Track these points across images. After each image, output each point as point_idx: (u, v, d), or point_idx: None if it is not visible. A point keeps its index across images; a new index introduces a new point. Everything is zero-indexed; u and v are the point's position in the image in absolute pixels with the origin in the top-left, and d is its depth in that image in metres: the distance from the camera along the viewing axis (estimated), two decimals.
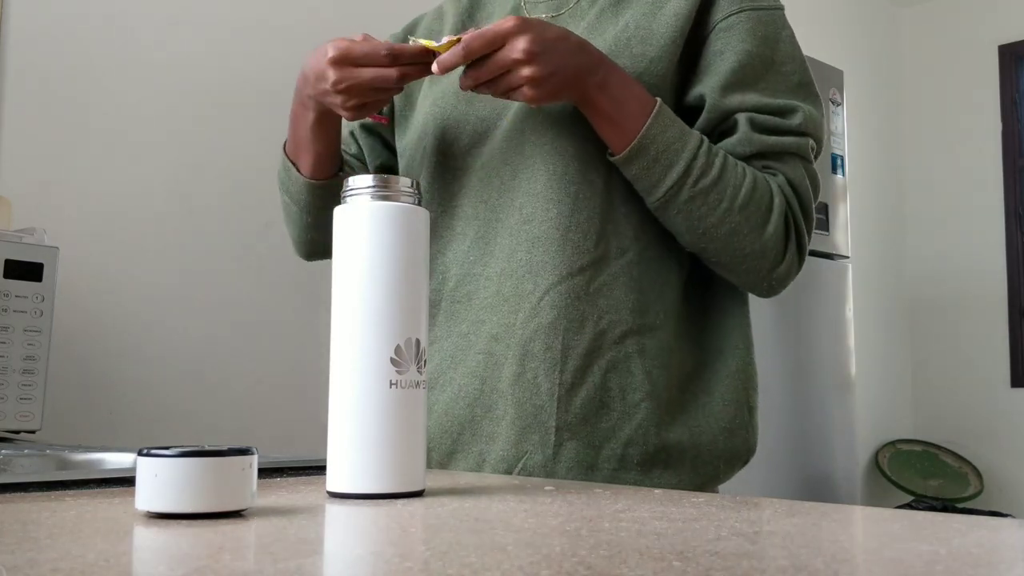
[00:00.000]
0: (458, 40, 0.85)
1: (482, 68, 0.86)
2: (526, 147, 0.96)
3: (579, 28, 0.99)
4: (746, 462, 0.98)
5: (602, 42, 0.96)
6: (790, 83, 0.96)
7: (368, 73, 0.89)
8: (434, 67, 0.87)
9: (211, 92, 2.00)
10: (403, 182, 0.67)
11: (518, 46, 0.84)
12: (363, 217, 0.66)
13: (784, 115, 0.94)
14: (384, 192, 0.66)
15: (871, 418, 4.06)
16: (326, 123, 1.00)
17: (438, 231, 1.00)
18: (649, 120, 0.89)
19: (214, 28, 2.02)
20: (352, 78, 0.89)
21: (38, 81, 1.75)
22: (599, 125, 0.91)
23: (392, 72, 0.89)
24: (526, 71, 0.84)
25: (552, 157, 0.94)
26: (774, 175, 0.93)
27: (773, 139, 0.93)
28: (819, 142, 0.97)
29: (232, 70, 2.04)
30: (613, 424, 0.91)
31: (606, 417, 0.91)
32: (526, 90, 0.86)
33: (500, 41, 0.84)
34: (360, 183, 0.67)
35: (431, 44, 0.87)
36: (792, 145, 0.94)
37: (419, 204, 0.68)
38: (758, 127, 0.93)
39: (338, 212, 0.67)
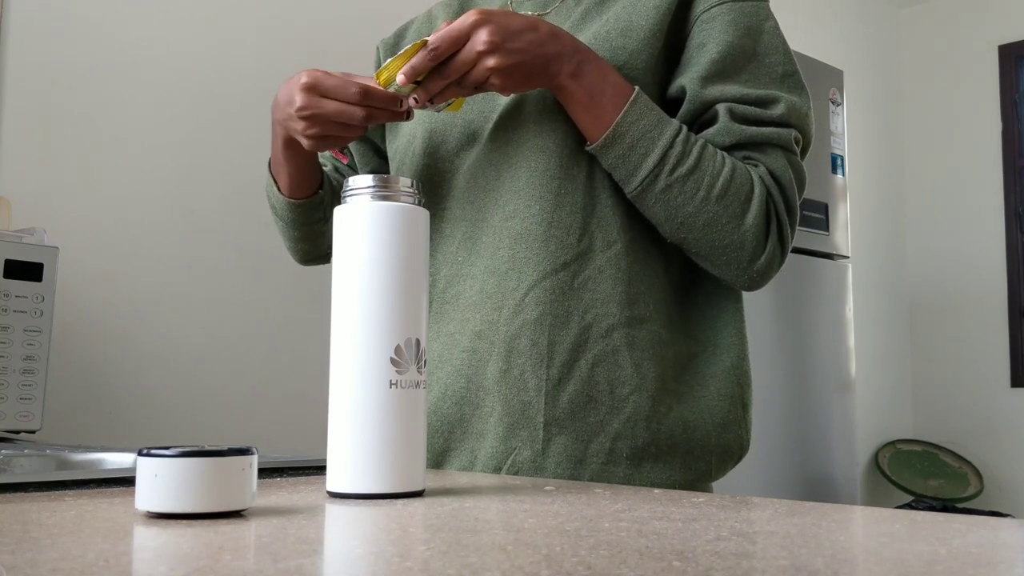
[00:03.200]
0: (424, 43, 0.84)
1: (448, 68, 0.85)
2: (509, 147, 0.96)
3: (564, 27, 0.99)
4: (739, 459, 0.97)
5: (583, 38, 0.95)
6: (773, 74, 0.95)
7: (333, 106, 0.90)
8: (399, 77, 0.85)
9: (211, 93, 2.00)
10: (403, 182, 0.67)
11: (480, 38, 0.84)
12: (363, 217, 0.66)
13: (765, 105, 0.93)
14: (384, 192, 0.66)
15: (871, 418, 4.06)
16: (293, 147, 1.00)
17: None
18: (625, 108, 0.88)
19: (215, 28, 2.02)
20: (317, 107, 0.90)
21: (38, 81, 1.75)
22: (575, 114, 0.91)
23: (358, 111, 0.89)
24: (489, 62, 0.84)
25: (533, 154, 0.94)
26: (756, 166, 0.92)
27: (753, 129, 0.91)
28: (805, 134, 0.95)
29: (232, 70, 2.04)
30: (602, 418, 0.91)
31: (594, 411, 0.91)
32: (493, 80, 0.86)
33: (464, 37, 0.84)
34: (360, 183, 0.67)
35: (395, 64, 0.85)
36: (773, 136, 0.92)
37: (419, 204, 0.68)
38: (738, 117, 0.92)
39: (338, 212, 0.67)
